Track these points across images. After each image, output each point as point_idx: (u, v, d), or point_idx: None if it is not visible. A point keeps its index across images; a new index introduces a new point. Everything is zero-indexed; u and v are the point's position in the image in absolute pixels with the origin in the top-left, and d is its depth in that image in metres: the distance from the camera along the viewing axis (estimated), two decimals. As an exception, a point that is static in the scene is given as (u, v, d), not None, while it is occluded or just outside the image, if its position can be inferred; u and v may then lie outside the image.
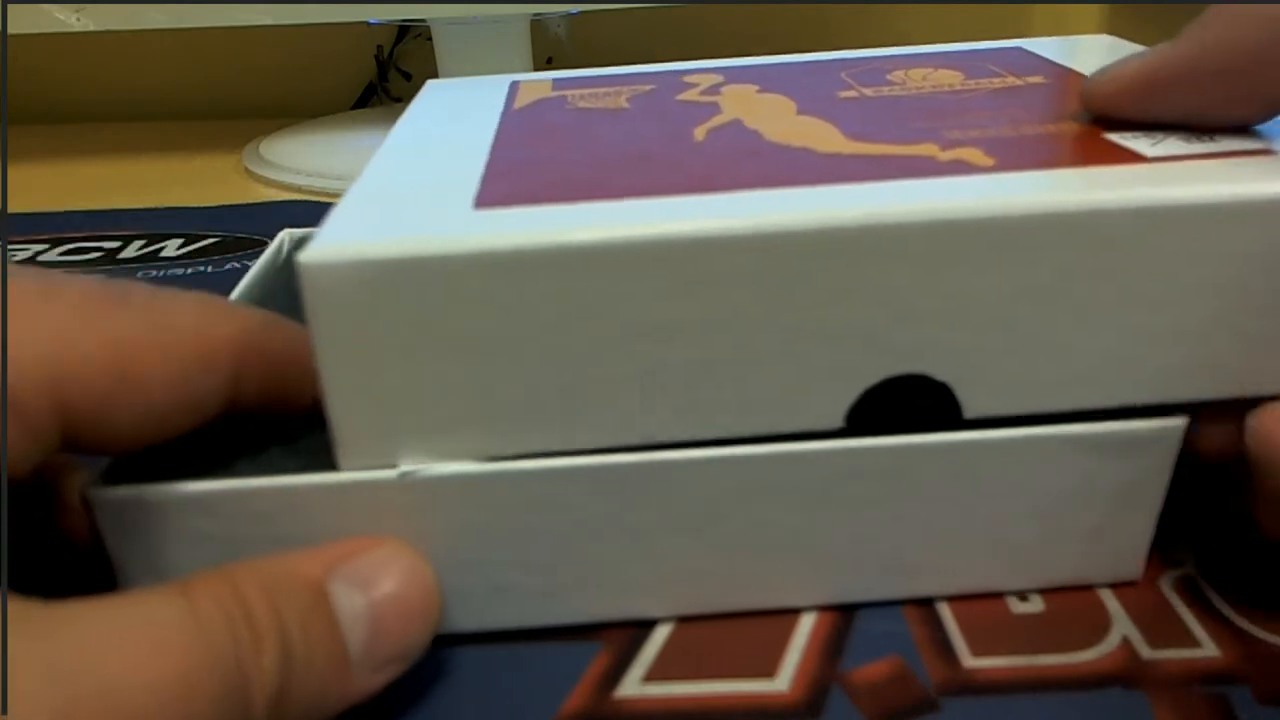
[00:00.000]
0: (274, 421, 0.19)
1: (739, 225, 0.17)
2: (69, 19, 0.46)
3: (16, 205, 0.47)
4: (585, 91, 0.27)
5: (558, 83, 0.28)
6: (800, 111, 0.23)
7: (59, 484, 0.20)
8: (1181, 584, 0.22)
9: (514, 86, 0.28)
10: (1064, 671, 0.19)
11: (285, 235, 0.28)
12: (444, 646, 0.20)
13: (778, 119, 0.23)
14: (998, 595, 0.21)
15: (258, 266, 0.26)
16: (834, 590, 0.21)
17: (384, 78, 0.65)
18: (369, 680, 0.17)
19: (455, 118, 0.25)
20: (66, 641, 0.13)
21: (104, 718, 0.13)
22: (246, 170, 0.52)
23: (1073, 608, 0.21)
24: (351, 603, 0.16)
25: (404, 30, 0.64)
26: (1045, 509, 0.20)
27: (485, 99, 0.26)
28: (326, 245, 0.17)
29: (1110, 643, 0.20)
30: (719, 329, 0.18)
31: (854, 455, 0.19)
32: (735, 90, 0.26)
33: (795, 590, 0.21)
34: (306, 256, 0.16)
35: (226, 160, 0.54)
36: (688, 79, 0.27)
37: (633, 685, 0.19)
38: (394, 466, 0.18)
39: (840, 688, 0.19)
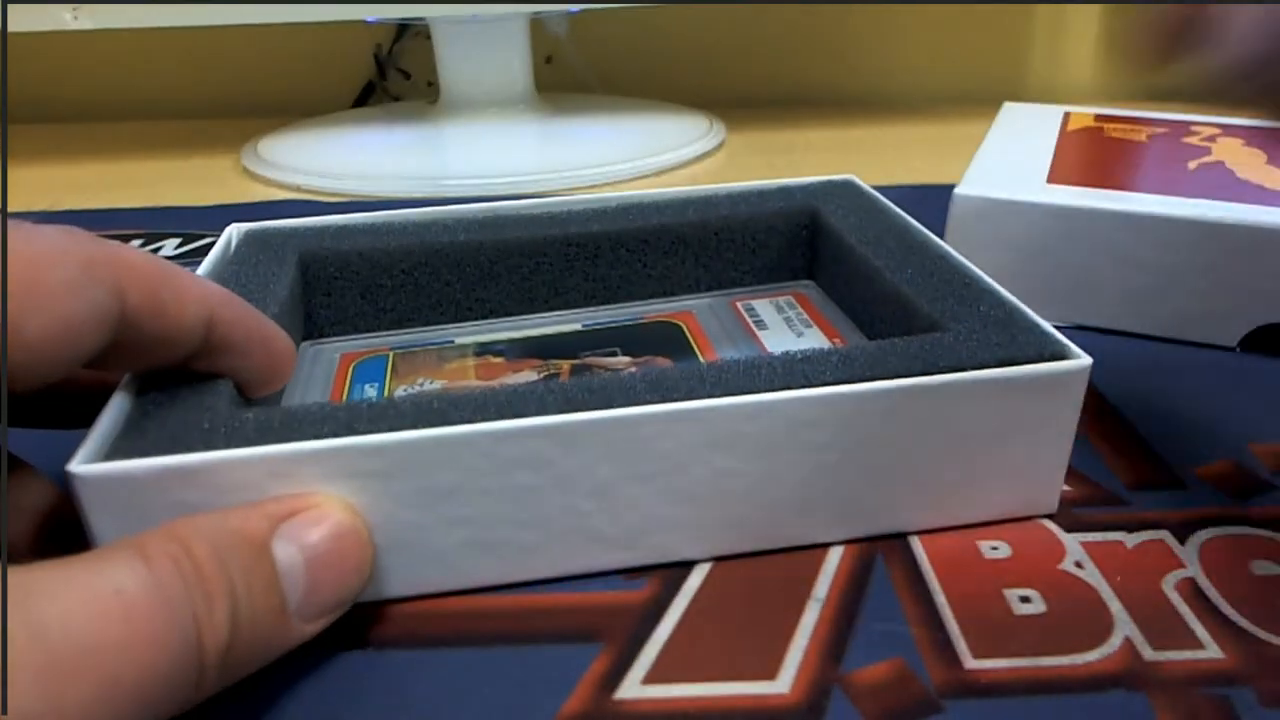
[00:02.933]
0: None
1: (1200, 214, 0.30)
2: (69, 19, 0.46)
3: (16, 205, 0.47)
4: (1118, 125, 0.40)
5: (1098, 117, 0.41)
6: (1269, 162, 0.35)
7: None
8: (1184, 585, 0.22)
9: (1066, 115, 0.41)
10: (1066, 673, 0.19)
11: (233, 229, 0.30)
12: (444, 647, 0.20)
13: (1251, 165, 0.35)
14: (935, 532, 0.23)
15: (207, 262, 0.27)
16: (787, 535, 0.22)
17: (383, 76, 0.65)
18: (305, 628, 0.18)
19: (1026, 134, 0.38)
20: (45, 604, 0.14)
21: (83, 675, 0.14)
22: (245, 170, 0.52)
23: (1075, 609, 0.21)
24: (290, 557, 0.18)
25: (403, 29, 0.64)
26: (972, 448, 0.22)
27: (1046, 124, 0.40)
28: None
29: (1112, 644, 0.20)
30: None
31: (807, 404, 0.21)
32: (1226, 141, 0.38)
33: (753, 536, 0.22)
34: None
35: (225, 160, 0.54)
36: (1193, 128, 0.39)
37: (633, 686, 0.19)
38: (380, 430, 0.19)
39: (841, 689, 0.19)
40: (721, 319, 0.30)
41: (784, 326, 0.30)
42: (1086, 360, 0.22)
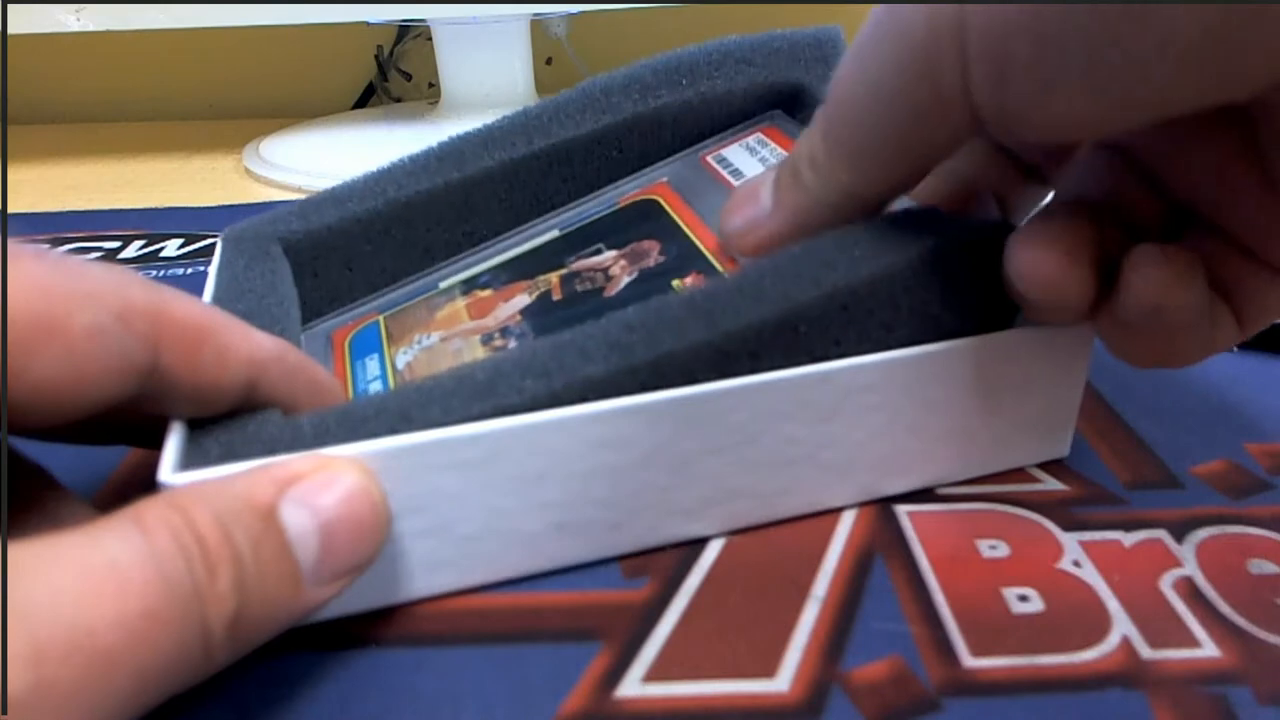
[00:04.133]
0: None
1: None
2: (69, 19, 0.46)
3: (16, 205, 0.47)
4: None
5: None
6: None
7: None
8: (1182, 584, 0.22)
9: None
10: (1064, 672, 0.19)
11: (223, 235, 0.29)
12: (444, 646, 0.20)
13: None
14: (964, 483, 0.25)
15: (212, 275, 0.26)
16: (849, 493, 0.24)
17: (384, 78, 0.65)
18: (321, 593, 0.18)
19: None
20: (34, 582, 0.13)
21: (74, 655, 0.13)
22: (246, 170, 0.52)
23: (1073, 608, 0.21)
24: (301, 521, 0.17)
25: (404, 30, 0.64)
26: (999, 402, 0.24)
27: None
28: None
29: (1110, 643, 0.20)
30: None
31: (860, 371, 0.22)
32: None
33: (820, 495, 0.24)
34: None
35: (226, 160, 0.54)
36: None
37: (633, 685, 0.19)
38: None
39: (840, 687, 0.19)
40: (695, 180, 0.29)
41: (761, 168, 0.28)
42: None
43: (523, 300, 0.27)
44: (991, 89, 0.18)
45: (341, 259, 0.28)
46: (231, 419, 0.19)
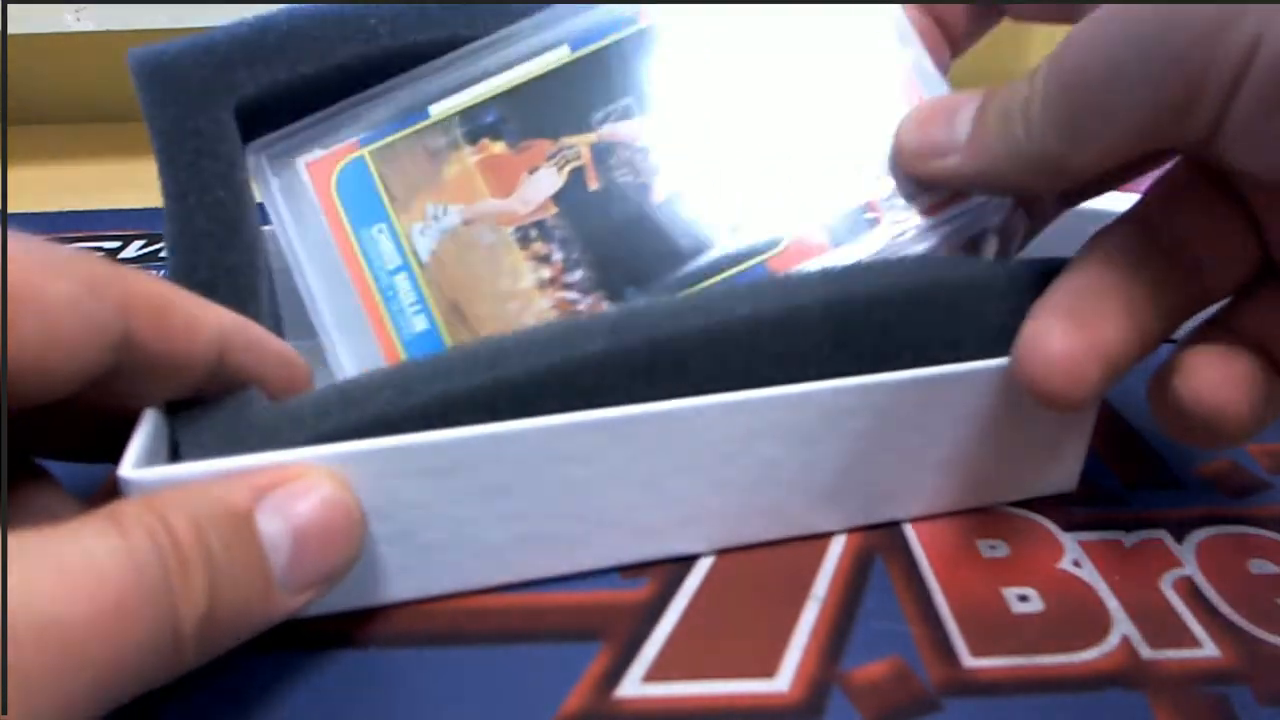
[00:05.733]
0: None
1: None
2: (71, 20, 0.46)
3: (16, 205, 0.47)
4: None
5: None
6: None
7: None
8: (1182, 584, 0.22)
9: None
10: (1064, 671, 0.19)
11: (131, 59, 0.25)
12: (444, 646, 0.20)
13: None
14: (963, 513, 0.24)
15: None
16: (836, 519, 0.23)
17: (384, 78, 0.65)
18: (293, 600, 0.18)
19: None
20: (9, 577, 0.13)
21: (46, 650, 0.13)
22: (246, 170, 0.52)
23: (1073, 608, 0.21)
24: (275, 528, 0.17)
25: (404, 30, 0.64)
26: (997, 431, 0.23)
27: None
28: None
29: (1110, 643, 0.20)
30: None
31: (843, 393, 0.21)
32: None
33: (803, 519, 0.23)
34: None
35: (226, 160, 0.54)
36: None
37: (633, 685, 0.19)
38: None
39: (840, 688, 0.19)
40: None
41: None
42: None
43: (551, 178, 0.24)
44: (1260, 116, 0.17)
45: (290, 57, 0.24)
46: (215, 407, 0.19)
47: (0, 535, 0.14)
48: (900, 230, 0.23)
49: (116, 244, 0.41)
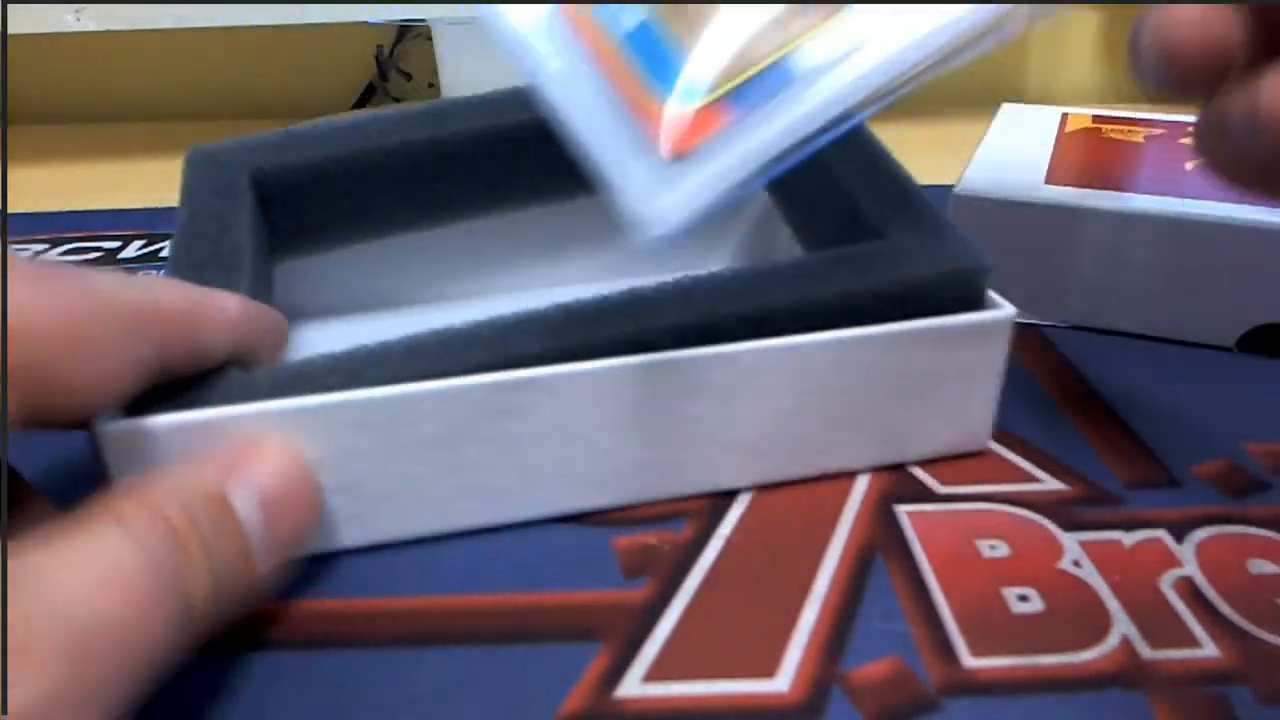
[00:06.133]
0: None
1: (1198, 214, 0.30)
2: (71, 20, 0.46)
3: (16, 205, 0.47)
4: (1115, 126, 0.39)
5: (1096, 118, 0.40)
6: None
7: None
8: (1182, 584, 0.22)
9: (1063, 116, 0.41)
10: (1064, 671, 0.19)
11: (187, 156, 0.30)
12: (443, 647, 0.20)
13: None
14: (881, 469, 0.25)
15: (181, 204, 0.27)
16: (753, 474, 0.24)
17: (384, 77, 0.65)
18: (268, 564, 0.19)
19: (1024, 135, 0.37)
20: (29, 582, 0.14)
21: (102, 651, 0.14)
22: (246, 170, 0.52)
23: (1073, 608, 0.21)
24: (247, 503, 0.19)
25: (404, 30, 0.64)
26: (914, 391, 0.24)
27: (1044, 125, 0.39)
28: None
29: (1110, 643, 0.20)
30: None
31: (762, 354, 0.23)
32: None
33: (722, 474, 0.24)
34: None
35: (226, 160, 0.54)
36: (1191, 129, 0.35)
37: (633, 685, 0.19)
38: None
39: (840, 688, 0.19)
40: None
41: None
42: (1010, 310, 0.24)
43: None
44: None
45: (317, 197, 0.29)
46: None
47: (0, 538, 0.14)
48: None
49: (116, 244, 0.41)
